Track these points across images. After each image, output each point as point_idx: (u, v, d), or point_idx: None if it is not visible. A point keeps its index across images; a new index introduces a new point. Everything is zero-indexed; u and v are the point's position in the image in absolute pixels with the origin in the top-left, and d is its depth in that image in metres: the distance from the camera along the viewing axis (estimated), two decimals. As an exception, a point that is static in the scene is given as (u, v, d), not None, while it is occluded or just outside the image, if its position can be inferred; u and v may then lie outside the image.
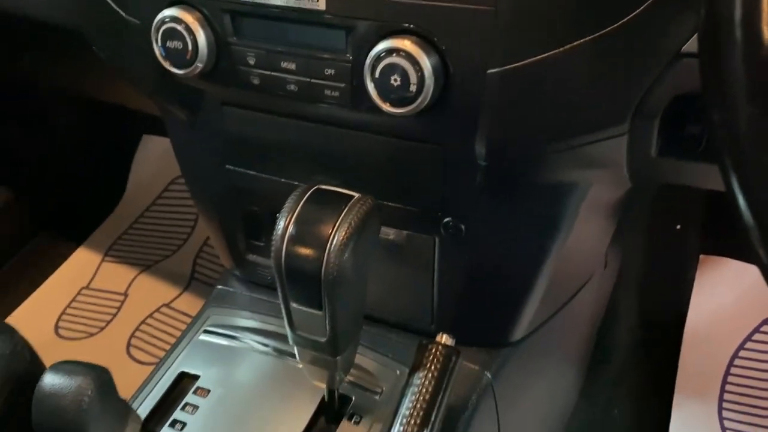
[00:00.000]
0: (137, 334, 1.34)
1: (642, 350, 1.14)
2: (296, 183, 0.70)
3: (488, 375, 0.71)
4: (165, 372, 0.73)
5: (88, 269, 1.48)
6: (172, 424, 0.67)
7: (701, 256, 1.21)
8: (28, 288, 1.44)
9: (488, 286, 0.69)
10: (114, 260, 1.50)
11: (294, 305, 0.55)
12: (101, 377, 0.55)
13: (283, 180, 0.70)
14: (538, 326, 0.77)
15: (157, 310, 1.38)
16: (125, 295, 1.42)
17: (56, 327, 1.37)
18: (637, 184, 0.66)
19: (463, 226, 0.63)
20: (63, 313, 1.39)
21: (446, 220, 0.63)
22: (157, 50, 0.59)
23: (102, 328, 1.36)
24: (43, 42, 1.08)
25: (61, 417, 0.53)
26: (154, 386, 0.72)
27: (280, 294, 0.56)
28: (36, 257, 1.51)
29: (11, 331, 0.75)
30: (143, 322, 1.36)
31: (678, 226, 1.22)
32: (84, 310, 1.40)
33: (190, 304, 1.39)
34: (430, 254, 0.67)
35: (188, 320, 1.32)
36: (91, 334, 1.35)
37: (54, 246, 1.54)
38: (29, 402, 0.56)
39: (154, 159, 1.65)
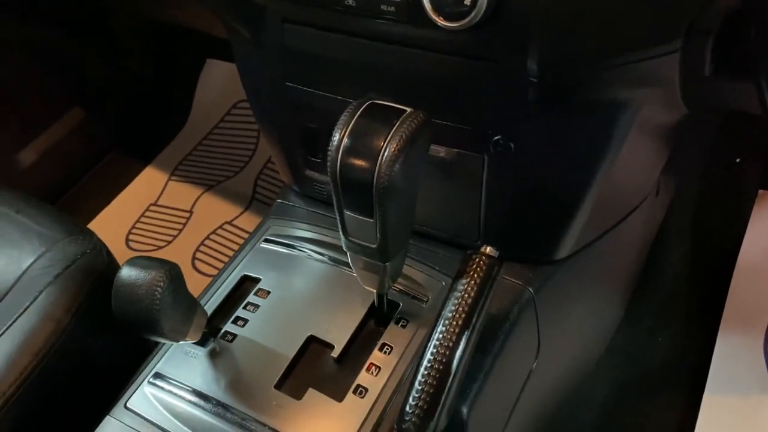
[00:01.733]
0: (201, 248, 1.43)
1: (690, 280, 1.15)
2: (352, 100, 0.73)
3: (530, 290, 0.74)
4: (229, 275, 0.79)
5: (156, 187, 1.57)
6: (235, 321, 0.73)
7: (760, 191, 1.19)
8: (99, 204, 1.54)
9: (535, 204, 0.71)
10: (180, 179, 1.58)
11: (347, 213, 0.59)
12: (172, 271, 0.60)
13: (339, 97, 0.72)
14: (584, 246, 0.79)
15: (220, 227, 1.46)
16: (190, 212, 1.51)
17: (126, 240, 1.46)
18: (691, 108, 0.66)
19: (512, 145, 0.65)
20: (133, 227, 1.49)
21: (496, 138, 0.65)
22: (223, -34, 0.62)
23: (169, 242, 1.45)
24: None
25: (137, 305, 0.59)
26: (219, 287, 0.78)
27: (334, 202, 0.59)
28: (107, 175, 1.61)
29: (91, 233, 0.83)
30: (207, 237, 1.44)
31: (738, 159, 1.19)
32: (152, 225, 1.49)
33: (251, 222, 1.46)
34: (478, 172, 0.69)
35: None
36: (159, 247, 1.44)
37: (123, 165, 1.63)
38: (108, 294, 0.61)
39: (218, 83, 1.70)
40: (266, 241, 0.83)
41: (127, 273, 0.60)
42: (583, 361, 1.01)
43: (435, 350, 0.58)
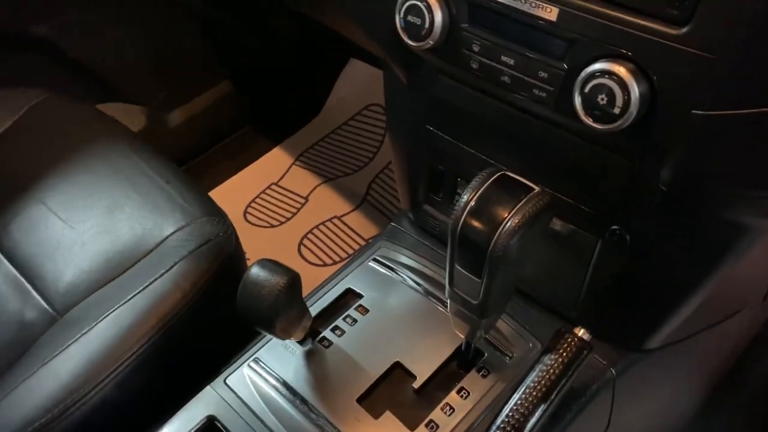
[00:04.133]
0: (309, 236, 1.52)
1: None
2: (484, 157, 0.77)
3: (613, 372, 0.76)
4: (336, 284, 0.86)
5: (280, 168, 1.68)
6: (334, 329, 0.80)
7: None
8: (227, 172, 1.67)
9: (639, 294, 0.73)
10: (302, 165, 1.68)
11: (458, 267, 0.64)
12: (294, 279, 0.67)
13: (472, 151, 0.77)
14: (677, 340, 0.80)
15: (330, 219, 1.55)
16: (306, 199, 1.60)
17: (245, 212, 1.58)
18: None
19: (628, 237, 0.67)
20: (252, 201, 1.61)
21: (614, 227, 0.67)
22: (398, 21, 0.67)
23: (282, 223, 1.56)
24: None
25: (258, 303, 0.66)
26: (326, 293, 0.85)
27: (448, 254, 0.64)
28: (238, 148, 1.73)
29: (225, 217, 0.92)
30: (316, 226, 1.54)
31: None
32: (270, 203, 1.60)
33: (359, 222, 1.54)
34: (589, 252, 0.72)
35: (353, 235, 1.47)
36: (272, 226, 1.55)
37: (254, 141, 1.75)
38: (232, 277, 0.69)
39: (356, 82, 1.78)
40: (374, 260, 0.89)
41: (256, 272, 0.68)
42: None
43: (511, 414, 0.62)
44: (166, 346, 0.78)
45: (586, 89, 0.56)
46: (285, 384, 0.76)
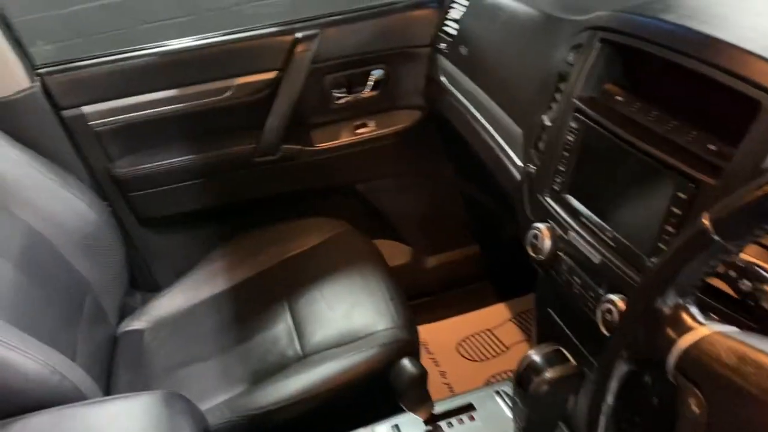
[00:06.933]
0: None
1: None
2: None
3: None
4: (462, 396, 1.25)
5: (497, 319, 2.10)
6: (448, 424, 1.19)
7: None
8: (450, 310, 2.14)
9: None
10: (517, 323, 2.08)
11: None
12: (423, 375, 1.10)
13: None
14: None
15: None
16: (508, 348, 1.99)
17: (458, 345, 2.02)
18: None
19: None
20: (467, 337, 2.04)
21: None
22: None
23: (481, 360, 1.96)
24: None
25: (402, 386, 1.11)
26: (452, 398, 1.25)
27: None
28: (469, 295, 2.21)
29: (416, 331, 1.39)
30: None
31: None
32: (477, 342, 2.02)
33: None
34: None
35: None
36: (475, 360, 1.96)
37: (487, 293, 2.20)
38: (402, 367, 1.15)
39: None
40: (497, 393, 1.26)
41: (406, 364, 1.13)
42: None
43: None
44: (345, 392, 1.26)
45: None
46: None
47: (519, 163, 1.25)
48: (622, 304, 0.88)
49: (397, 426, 1.21)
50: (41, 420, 0.94)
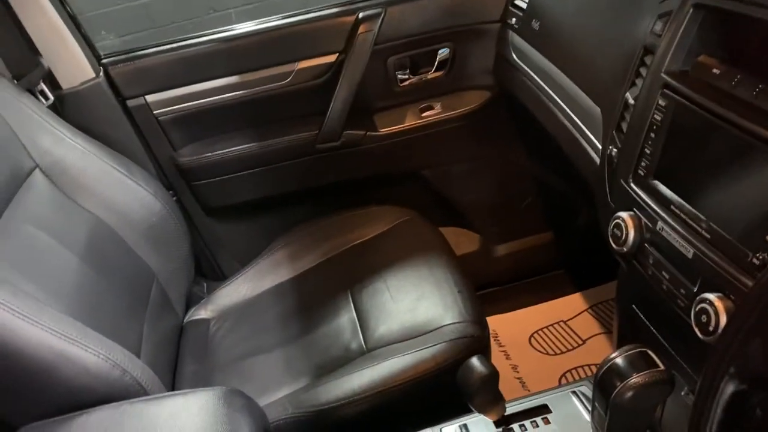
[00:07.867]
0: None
1: None
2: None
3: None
4: (536, 397, 1.17)
5: (573, 310, 1.99)
6: (520, 426, 1.12)
7: None
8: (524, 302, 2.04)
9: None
10: (593, 314, 1.97)
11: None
12: (493, 375, 1.03)
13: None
14: None
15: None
16: (584, 341, 1.88)
17: (530, 337, 1.93)
18: None
19: None
20: (539, 330, 1.95)
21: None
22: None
23: (556, 354, 1.86)
24: None
25: (468, 388, 1.04)
26: (526, 400, 1.17)
27: None
28: (543, 285, 2.10)
29: (486, 326, 1.31)
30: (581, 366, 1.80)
31: None
32: (551, 335, 1.93)
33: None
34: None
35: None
36: (548, 354, 1.87)
37: (563, 283, 2.09)
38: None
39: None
40: (574, 393, 1.18)
41: (475, 363, 1.06)
42: None
43: None
44: (410, 390, 1.20)
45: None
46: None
47: (599, 145, 1.15)
48: (720, 305, 0.78)
49: (465, 426, 1.15)
50: (100, 416, 0.93)
